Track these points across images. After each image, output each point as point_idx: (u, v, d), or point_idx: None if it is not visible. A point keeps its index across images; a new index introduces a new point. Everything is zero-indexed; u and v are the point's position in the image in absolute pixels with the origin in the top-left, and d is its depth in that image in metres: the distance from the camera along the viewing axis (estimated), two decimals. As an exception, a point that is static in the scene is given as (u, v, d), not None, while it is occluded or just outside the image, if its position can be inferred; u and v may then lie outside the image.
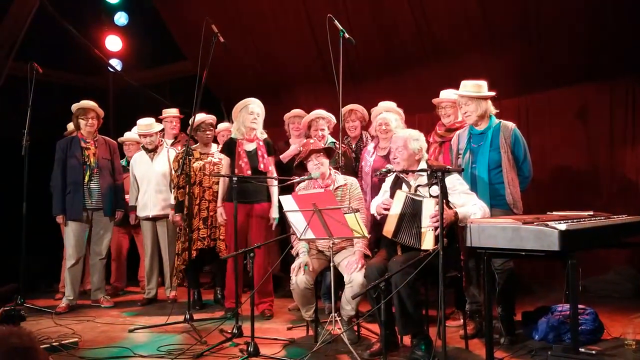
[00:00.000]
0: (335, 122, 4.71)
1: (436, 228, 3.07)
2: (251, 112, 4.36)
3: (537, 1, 5.01)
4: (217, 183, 4.62)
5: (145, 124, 5.18)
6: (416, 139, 3.44)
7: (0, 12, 6.31)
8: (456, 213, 3.13)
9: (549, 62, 5.24)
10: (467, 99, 3.59)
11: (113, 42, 7.62)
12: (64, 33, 6.52)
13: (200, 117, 4.91)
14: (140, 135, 5.21)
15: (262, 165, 4.34)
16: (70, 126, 5.50)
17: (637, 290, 4.72)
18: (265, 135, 4.51)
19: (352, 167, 4.46)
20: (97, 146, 4.98)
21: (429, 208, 3.11)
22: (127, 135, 5.66)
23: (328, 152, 3.82)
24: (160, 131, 5.26)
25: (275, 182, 4.35)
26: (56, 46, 6.58)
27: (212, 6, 6.52)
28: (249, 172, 4.29)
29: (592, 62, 5.03)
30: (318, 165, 3.71)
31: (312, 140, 3.83)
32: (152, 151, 5.17)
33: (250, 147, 4.40)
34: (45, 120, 5.62)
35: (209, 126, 4.86)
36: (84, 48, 6.94)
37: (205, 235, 4.68)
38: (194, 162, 4.82)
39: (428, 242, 3.11)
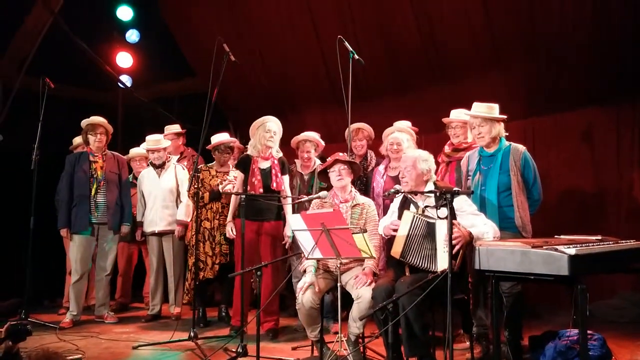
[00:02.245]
0: (323, 145, 4.84)
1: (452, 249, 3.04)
2: (268, 129, 4.40)
3: (544, 24, 5.05)
4: None
5: (154, 139, 5.23)
6: (425, 159, 3.46)
7: (13, 27, 6.42)
8: (470, 233, 3.13)
9: (555, 85, 5.27)
10: (482, 120, 3.59)
11: (124, 59, 7.72)
12: (76, 49, 6.62)
13: (220, 139, 4.98)
14: (148, 151, 5.25)
15: (274, 184, 4.37)
16: (76, 140, 5.56)
17: (644, 316, 4.68)
18: (281, 154, 4.55)
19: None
20: (105, 160, 5.03)
21: (443, 230, 3.08)
22: (135, 150, 5.71)
23: (353, 166, 3.83)
24: (167, 147, 5.30)
25: (289, 201, 4.37)
26: (68, 62, 6.66)
27: (222, 25, 6.62)
28: (261, 190, 4.33)
29: (599, 84, 5.05)
30: (340, 177, 3.73)
31: (341, 154, 3.84)
32: (160, 167, 5.20)
33: (265, 165, 4.44)
34: (55, 135, 5.66)
35: (227, 149, 4.97)
36: (95, 64, 7.03)
37: (227, 252, 4.78)
38: (210, 180, 4.88)
39: (444, 264, 3.08)
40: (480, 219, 3.29)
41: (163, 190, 5.14)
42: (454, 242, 3.04)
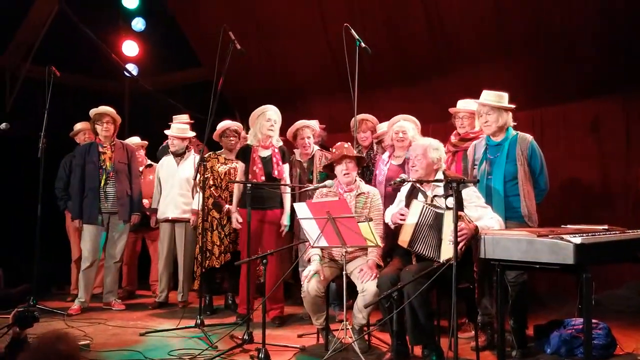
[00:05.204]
0: (319, 130, 4.86)
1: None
2: (268, 119, 4.40)
3: (552, 14, 5.00)
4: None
5: (181, 128, 5.26)
6: (436, 148, 3.44)
7: (19, 15, 6.43)
8: (477, 227, 3.11)
9: (563, 75, 5.22)
10: (489, 109, 3.56)
11: (130, 47, 7.72)
12: (82, 37, 6.63)
13: (225, 123, 5.01)
14: (170, 137, 5.24)
15: (276, 172, 4.39)
16: (77, 126, 5.61)
17: (650, 306, 4.67)
18: (281, 143, 4.56)
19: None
20: (114, 150, 5.05)
21: (451, 221, 3.05)
22: (131, 140, 5.72)
23: (359, 161, 3.83)
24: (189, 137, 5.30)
25: (289, 189, 4.39)
26: (74, 50, 6.68)
27: (228, 13, 6.58)
28: (263, 178, 4.34)
29: (607, 74, 5.01)
30: (347, 173, 3.71)
31: (346, 145, 3.83)
32: (179, 156, 5.23)
33: (265, 153, 4.45)
34: (62, 124, 5.70)
35: (232, 132, 4.97)
36: (101, 52, 7.04)
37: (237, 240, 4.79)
38: (219, 167, 4.90)
39: (447, 255, 3.07)
40: (487, 212, 3.27)
41: (180, 179, 5.16)
42: (459, 235, 2.97)
